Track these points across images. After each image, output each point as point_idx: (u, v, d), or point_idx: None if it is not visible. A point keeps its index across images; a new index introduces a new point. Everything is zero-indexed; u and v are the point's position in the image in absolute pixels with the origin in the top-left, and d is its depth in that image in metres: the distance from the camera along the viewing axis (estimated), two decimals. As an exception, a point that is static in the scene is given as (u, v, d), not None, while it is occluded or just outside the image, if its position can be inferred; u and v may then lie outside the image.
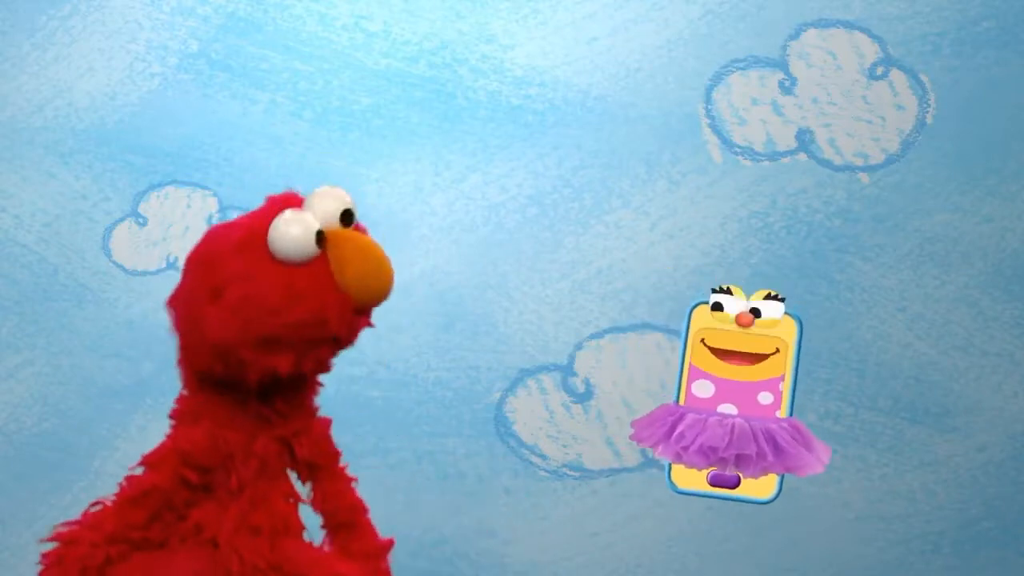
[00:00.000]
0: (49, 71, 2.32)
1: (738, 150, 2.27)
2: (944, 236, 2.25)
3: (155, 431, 2.27)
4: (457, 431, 2.25)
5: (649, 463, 2.24)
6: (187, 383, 1.32)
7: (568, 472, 2.25)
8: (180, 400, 1.32)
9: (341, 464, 1.33)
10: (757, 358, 1.78)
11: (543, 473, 2.25)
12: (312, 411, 1.32)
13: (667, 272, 2.26)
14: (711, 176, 2.27)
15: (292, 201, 1.27)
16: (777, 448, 1.79)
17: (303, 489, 1.32)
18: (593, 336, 2.26)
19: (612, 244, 2.27)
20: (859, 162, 2.26)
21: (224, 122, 2.30)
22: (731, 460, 1.78)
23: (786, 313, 1.78)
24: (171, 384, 2.28)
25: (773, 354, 1.79)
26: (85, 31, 2.32)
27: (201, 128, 2.30)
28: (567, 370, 2.26)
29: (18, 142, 2.31)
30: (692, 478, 1.81)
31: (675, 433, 1.80)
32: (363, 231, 1.28)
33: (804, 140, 2.26)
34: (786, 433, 1.80)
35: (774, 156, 2.27)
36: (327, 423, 1.33)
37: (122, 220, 2.30)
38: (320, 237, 1.23)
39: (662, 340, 2.25)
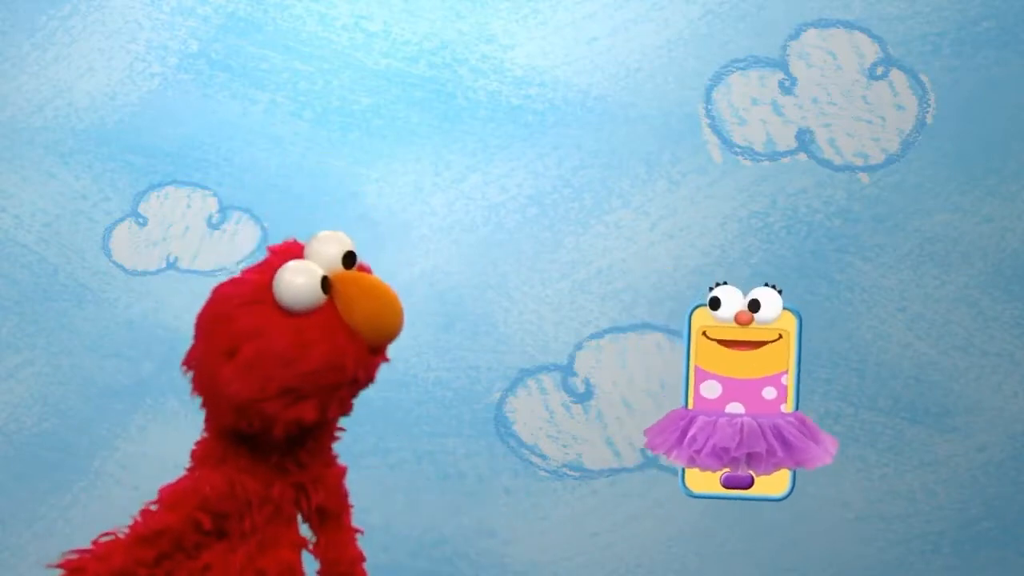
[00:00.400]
0: (49, 71, 2.32)
1: (738, 150, 2.27)
2: (944, 236, 2.25)
3: (155, 431, 2.28)
4: (457, 431, 2.25)
5: (649, 463, 2.24)
6: (209, 430, 1.31)
7: (568, 472, 2.25)
8: (201, 443, 1.32)
9: (349, 515, 1.34)
10: (760, 344, 1.79)
11: (543, 473, 2.25)
12: (330, 459, 1.33)
13: (667, 272, 2.26)
14: (711, 176, 2.27)
15: (293, 250, 1.28)
16: (785, 443, 1.80)
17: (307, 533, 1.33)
18: (593, 336, 2.26)
19: (612, 244, 2.27)
20: (859, 162, 2.26)
21: (224, 122, 2.30)
22: (743, 459, 1.79)
23: (785, 308, 1.79)
24: (171, 384, 2.29)
25: (776, 340, 1.80)
26: (85, 31, 2.32)
27: (201, 128, 2.30)
28: (567, 370, 2.26)
29: (18, 142, 2.31)
30: (706, 481, 1.82)
31: (687, 437, 1.81)
32: (367, 271, 1.29)
33: (804, 140, 2.26)
34: (793, 427, 1.81)
35: (774, 156, 2.27)
36: (342, 472, 1.34)
37: (122, 220, 2.30)
38: (326, 283, 1.23)
39: (662, 340, 2.25)
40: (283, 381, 1.21)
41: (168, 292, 2.29)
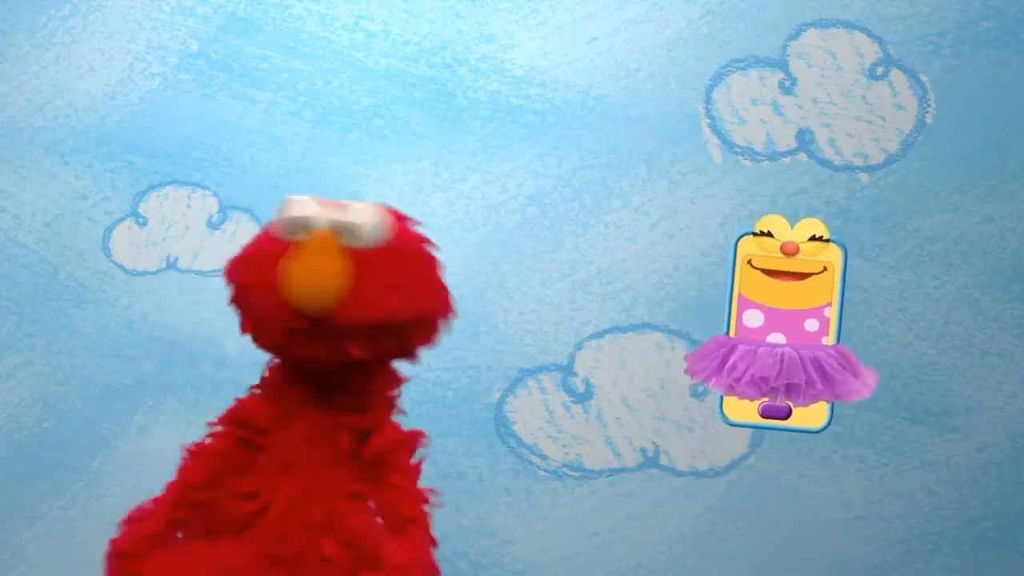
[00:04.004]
0: (49, 71, 2.32)
1: (738, 150, 2.27)
2: (944, 236, 2.25)
3: (155, 431, 2.28)
4: (457, 431, 2.25)
5: (649, 463, 2.24)
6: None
7: (568, 472, 2.25)
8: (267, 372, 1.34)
9: (406, 479, 1.32)
10: (804, 276, 1.79)
11: (543, 473, 2.25)
12: (381, 413, 1.33)
13: (667, 272, 2.26)
14: (711, 176, 2.27)
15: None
16: (825, 376, 1.80)
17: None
18: (593, 336, 2.26)
19: (612, 244, 2.27)
20: (859, 162, 2.26)
21: (224, 122, 2.30)
22: (781, 390, 1.79)
23: (831, 240, 1.79)
24: (171, 384, 2.29)
25: (821, 272, 1.81)
26: (85, 31, 2.32)
27: (201, 128, 2.30)
28: (567, 370, 2.26)
29: (18, 142, 2.31)
30: (744, 410, 1.82)
31: (727, 365, 1.81)
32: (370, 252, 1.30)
33: (804, 140, 2.26)
34: (833, 360, 1.81)
35: (774, 156, 2.27)
36: (409, 436, 1.34)
37: (122, 220, 2.30)
38: (304, 229, 1.25)
39: (662, 340, 2.25)
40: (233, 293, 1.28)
41: (168, 292, 2.29)
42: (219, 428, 1.30)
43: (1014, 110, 2.25)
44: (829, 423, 1.83)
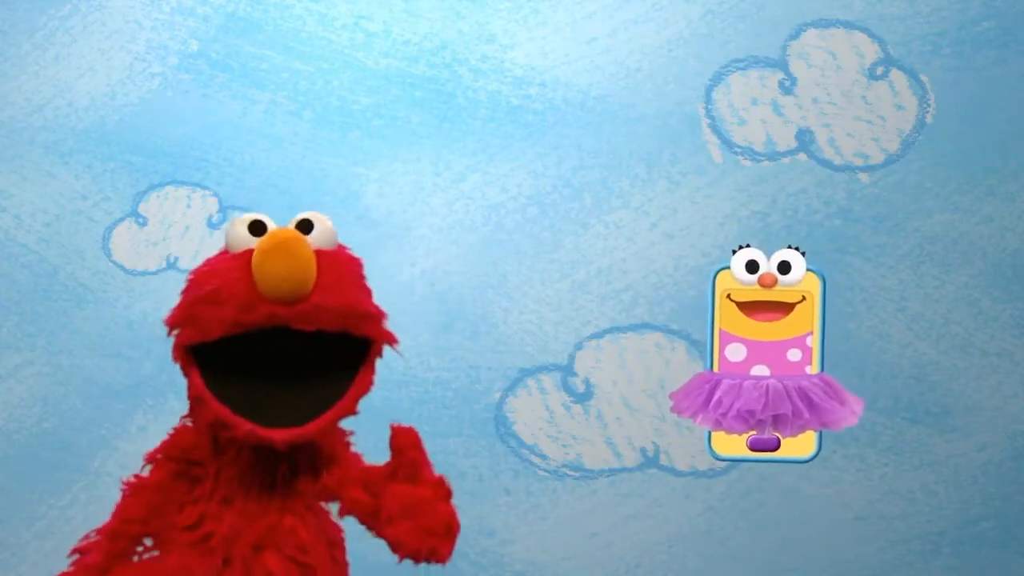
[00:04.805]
0: (49, 71, 2.32)
1: (738, 150, 2.27)
2: (944, 236, 2.25)
3: (155, 431, 2.28)
4: (457, 431, 2.25)
5: (649, 463, 2.24)
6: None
7: (568, 472, 2.25)
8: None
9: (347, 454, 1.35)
10: (786, 308, 1.80)
11: (543, 473, 2.25)
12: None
13: (667, 272, 2.26)
14: (711, 176, 2.27)
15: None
16: (811, 405, 1.81)
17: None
18: (593, 336, 2.26)
19: (612, 244, 2.27)
20: (859, 162, 2.26)
21: (224, 122, 2.30)
22: (769, 421, 1.80)
23: (809, 270, 1.80)
24: (171, 384, 2.29)
25: (800, 302, 1.81)
26: (85, 31, 2.32)
27: (201, 128, 2.30)
28: (567, 370, 2.26)
29: (18, 142, 2.31)
30: (732, 444, 1.82)
31: (713, 400, 1.82)
32: (342, 249, 1.31)
33: (804, 140, 2.26)
34: (819, 389, 1.81)
35: (774, 156, 2.27)
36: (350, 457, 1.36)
37: (122, 220, 2.30)
38: (259, 229, 1.30)
39: (662, 340, 2.25)
40: (179, 308, 1.31)
41: (168, 292, 2.28)
42: (157, 459, 1.33)
43: (1014, 110, 2.25)
44: (818, 453, 1.84)
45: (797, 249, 1.86)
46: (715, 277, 1.85)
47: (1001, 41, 2.26)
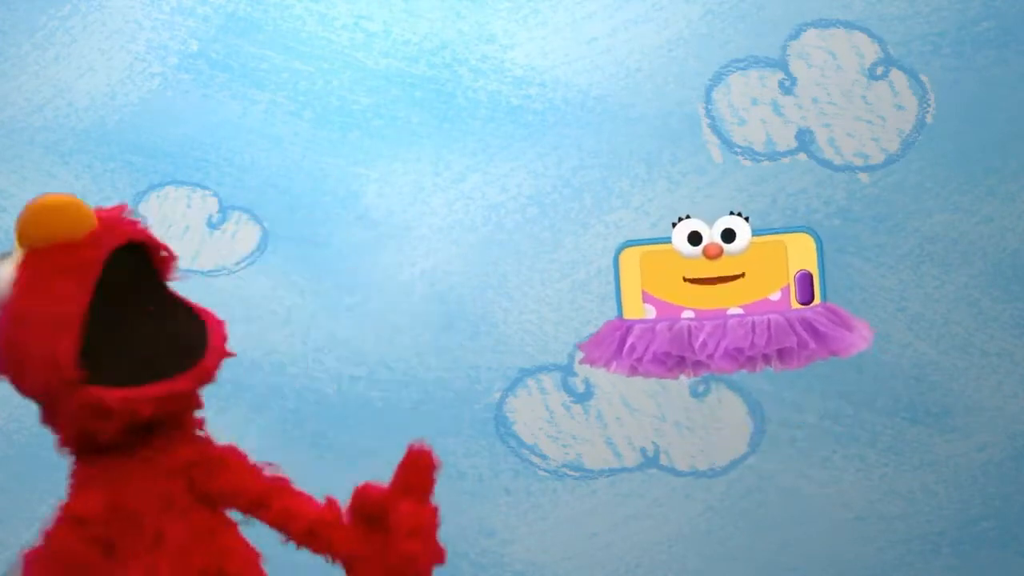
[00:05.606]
0: (49, 71, 2.32)
1: (738, 150, 2.27)
2: (944, 236, 2.25)
3: (155, 431, 2.28)
4: (457, 431, 2.25)
5: (649, 463, 2.24)
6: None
7: (568, 472, 2.25)
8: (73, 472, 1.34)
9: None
10: (725, 280, 1.78)
11: (543, 473, 2.25)
12: (194, 438, 1.33)
13: (667, 272, 2.26)
14: (711, 176, 2.27)
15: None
16: (817, 334, 1.78)
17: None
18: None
19: (612, 244, 2.27)
20: (859, 162, 2.26)
21: (224, 122, 2.30)
22: (759, 358, 1.78)
23: (804, 231, 1.78)
24: (171, 384, 2.28)
25: (739, 277, 1.79)
26: (85, 31, 2.32)
27: (201, 128, 2.30)
28: (567, 370, 2.26)
29: (18, 142, 2.31)
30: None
31: (626, 346, 1.79)
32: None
33: (804, 140, 2.26)
34: (823, 318, 1.79)
35: (774, 156, 2.27)
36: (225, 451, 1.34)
37: (122, 220, 2.30)
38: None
39: (662, 340, 2.25)
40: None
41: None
42: (57, 530, 1.30)
43: (1014, 110, 2.25)
44: None
45: (740, 215, 1.84)
46: (618, 255, 1.83)
47: (1001, 41, 2.26)
